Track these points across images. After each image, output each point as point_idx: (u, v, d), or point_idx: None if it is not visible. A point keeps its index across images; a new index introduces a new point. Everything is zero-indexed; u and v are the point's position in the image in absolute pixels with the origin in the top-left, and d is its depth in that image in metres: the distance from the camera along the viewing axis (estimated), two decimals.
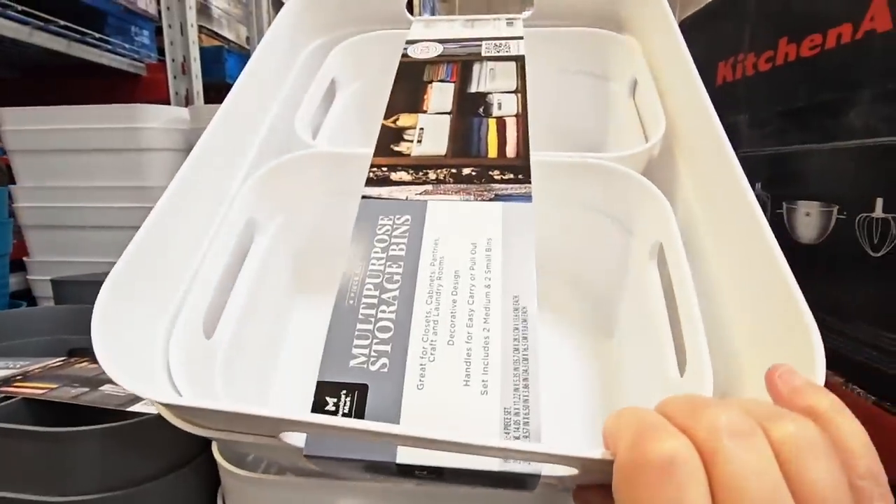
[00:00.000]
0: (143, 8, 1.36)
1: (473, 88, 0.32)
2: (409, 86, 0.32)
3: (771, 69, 0.43)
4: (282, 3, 0.39)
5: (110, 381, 0.40)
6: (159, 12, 1.33)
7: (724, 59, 0.49)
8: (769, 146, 0.43)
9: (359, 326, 0.19)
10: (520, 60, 0.33)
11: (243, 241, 0.29)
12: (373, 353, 0.19)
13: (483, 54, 0.35)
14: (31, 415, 0.35)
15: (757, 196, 0.45)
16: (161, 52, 1.43)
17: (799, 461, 0.12)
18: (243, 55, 1.85)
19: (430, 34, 0.38)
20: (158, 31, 1.44)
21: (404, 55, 0.35)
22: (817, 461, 0.12)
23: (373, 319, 0.20)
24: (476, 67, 0.33)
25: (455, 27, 0.39)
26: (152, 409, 0.31)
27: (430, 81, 0.33)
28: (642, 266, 0.27)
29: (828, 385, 0.27)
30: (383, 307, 0.20)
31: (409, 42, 0.37)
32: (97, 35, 1.20)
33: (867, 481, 0.13)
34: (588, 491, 0.17)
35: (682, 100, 0.30)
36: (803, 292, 0.42)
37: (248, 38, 1.95)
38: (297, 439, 0.17)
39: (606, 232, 0.30)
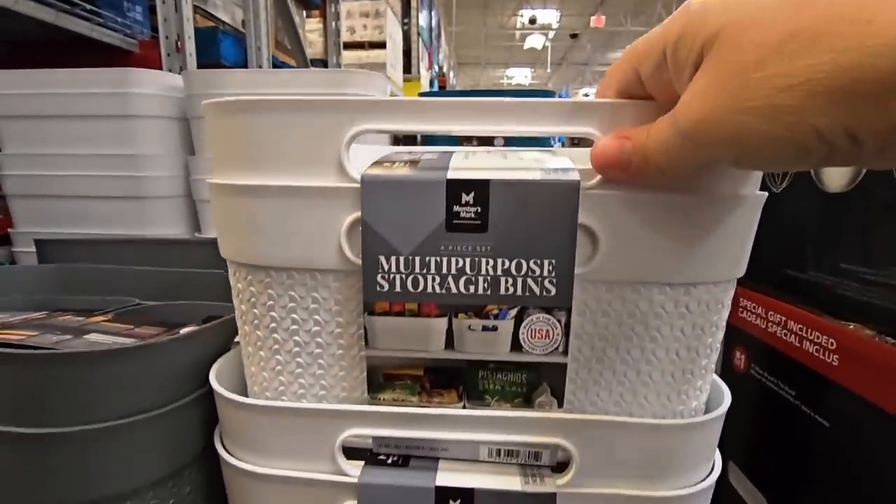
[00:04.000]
0: None
1: None
2: None
3: None
4: None
5: (96, 331, 0.37)
6: None
7: None
8: None
9: None
10: None
11: None
12: None
13: None
14: None
15: None
16: (154, 29, 1.40)
17: None
18: (239, 38, 1.81)
19: None
20: (152, 10, 1.41)
21: None
22: None
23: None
24: None
25: None
26: None
27: None
28: None
29: (857, 339, 0.26)
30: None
31: None
32: (88, 6, 1.16)
33: None
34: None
35: None
36: (831, 245, 0.40)
37: (243, 22, 1.92)
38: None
39: None
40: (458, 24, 7.33)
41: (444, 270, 0.21)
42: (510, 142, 0.95)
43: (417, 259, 0.20)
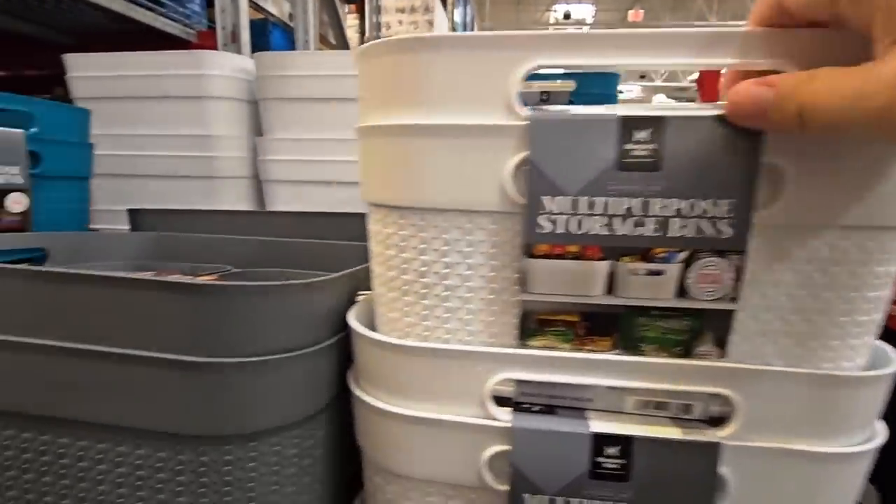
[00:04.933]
0: None
1: None
2: None
3: None
4: None
5: None
6: None
7: None
8: None
9: None
10: None
11: None
12: None
13: None
14: None
15: None
16: (209, 19, 1.45)
17: None
18: (286, 30, 1.85)
19: None
20: (209, 3, 1.46)
21: None
22: None
23: None
24: None
25: None
26: None
27: None
28: None
29: None
30: None
31: None
32: None
33: None
34: None
35: None
36: None
37: (290, 15, 1.96)
38: None
39: None
40: (491, 20, 7.28)
41: (611, 211, 0.20)
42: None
43: (584, 199, 0.20)
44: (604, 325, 0.22)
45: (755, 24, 0.19)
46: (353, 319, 0.26)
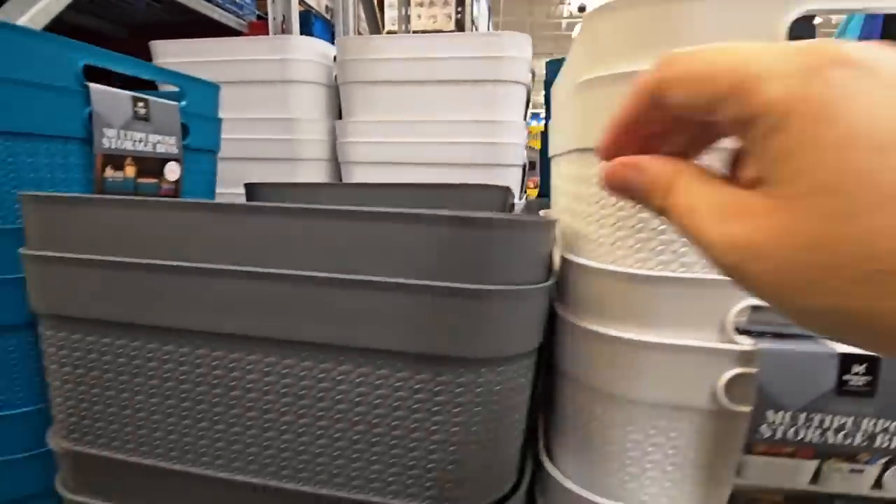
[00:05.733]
0: None
1: None
2: None
3: None
4: None
5: None
6: None
7: None
8: None
9: None
10: None
11: None
12: None
13: None
14: None
15: None
16: (259, 9, 1.48)
17: None
18: (326, 22, 1.88)
19: None
20: None
21: None
22: None
23: None
24: None
25: None
26: None
27: None
28: None
29: None
30: None
31: None
32: None
33: None
34: None
35: None
36: None
37: (327, 7, 1.98)
38: None
39: None
40: (504, 14, 7.25)
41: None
42: None
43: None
44: None
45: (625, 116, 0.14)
46: (574, 257, 0.28)
